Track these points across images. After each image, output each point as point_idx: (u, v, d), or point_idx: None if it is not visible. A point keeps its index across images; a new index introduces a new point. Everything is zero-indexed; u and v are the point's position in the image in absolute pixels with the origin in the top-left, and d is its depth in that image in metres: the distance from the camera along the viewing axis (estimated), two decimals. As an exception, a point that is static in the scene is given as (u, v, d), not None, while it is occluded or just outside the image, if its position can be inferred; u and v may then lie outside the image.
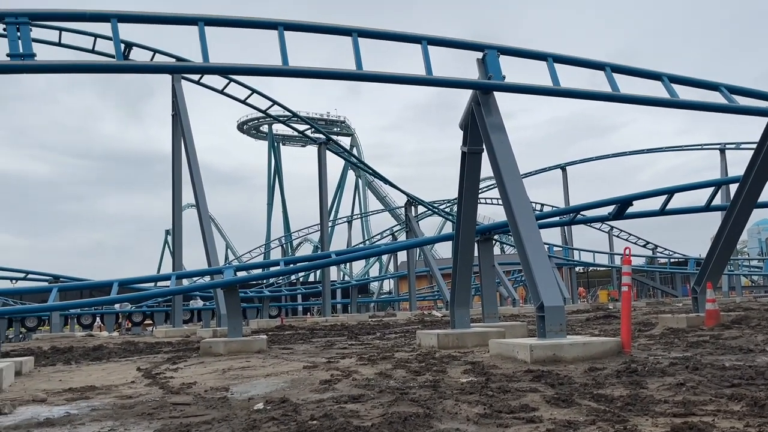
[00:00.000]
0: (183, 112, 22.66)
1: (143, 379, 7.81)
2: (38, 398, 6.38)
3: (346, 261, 37.22)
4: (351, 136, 76.44)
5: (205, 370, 8.70)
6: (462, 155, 10.40)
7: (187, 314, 29.82)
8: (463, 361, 7.88)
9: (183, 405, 5.41)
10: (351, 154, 49.43)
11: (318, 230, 37.74)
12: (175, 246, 24.82)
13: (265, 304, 32.59)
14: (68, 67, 7.82)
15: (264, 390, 6.20)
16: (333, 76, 9.30)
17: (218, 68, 9.40)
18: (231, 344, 11.46)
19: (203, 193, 22.14)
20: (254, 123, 72.95)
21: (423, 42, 9.30)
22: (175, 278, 14.27)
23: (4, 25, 7.40)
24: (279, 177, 72.93)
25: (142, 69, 9.22)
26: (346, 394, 5.43)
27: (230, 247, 73.99)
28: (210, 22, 8.38)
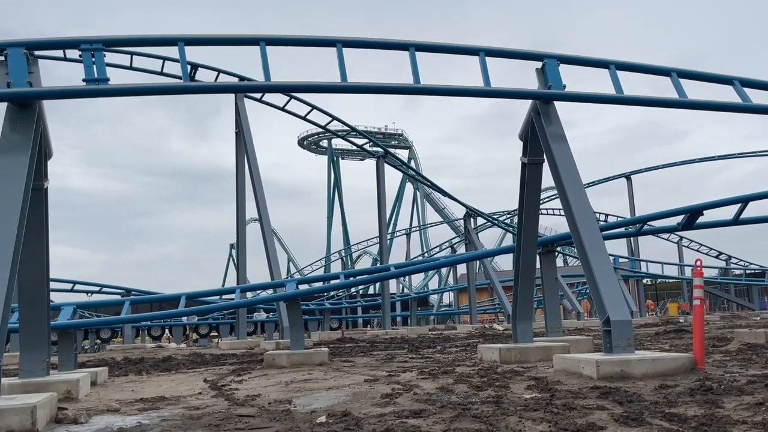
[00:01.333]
0: (246, 129, 23.31)
1: (210, 391, 8.02)
2: (112, 408, 6.64)
3: (405, 274, 37.23)
4: (409, 149, 76.64)
5: (268, 382, 8.85)
6: (522, 166, 10.25)
7: (251, 326, 30.47)
8: (526, 376, 7.72)
9: (248, 417, 5.51)
10: (409, 166, 49.56)
11: (377, 243, 37.93)
12: (239, 259, 25.45)
13: (326, 317, 32.91)
14: (139, 90, 8.20)
15: (326, 403, 6.26)
16: (391, 91, 9.37)
17: (279, 87, 9.64)
18: (293, 356, 11.62)
19: (266, 207, 22.67)
20: (314, 138, 74.22)
21: (481, 53, 9.25)
22: (239, 291, 14.60)
23: (80, 52, 7.83)
24: (338, 190, 73.82)
25: (207, 89, 9.56)
26: (407, 409, 5.41)
27: (292, 259, 75.27)
28: (271, 42, 8.61)
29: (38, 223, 7.78)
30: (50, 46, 8.48)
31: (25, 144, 6.85)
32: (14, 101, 7.02)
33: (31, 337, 8.16)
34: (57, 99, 7.72)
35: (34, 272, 7.91)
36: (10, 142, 6.84)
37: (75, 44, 7.81)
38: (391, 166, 35.22)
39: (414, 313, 35.13)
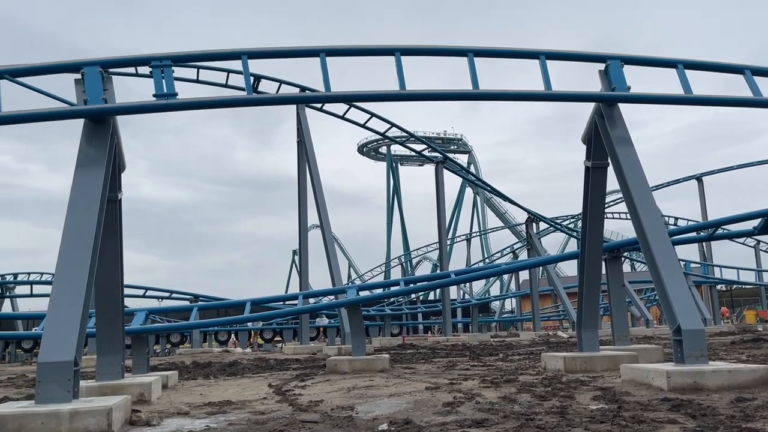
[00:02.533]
0: (307, 138, 23.73)
1: (274, 396, 8.18)
2: (182, 411, 6.88)
3: (465, 281, 36.87)
4: (468, 153, 76.06)
5: (331, 387, 8.96)
6: (586, 170, 10.02)
7: (314, 331, 30.83)
8: (592, 386, 7.52)
9: (311, 423, 5.60)
10: (468, 171, 49.16)
11: (437, 248, 37.79)
12: (302, 265, 25.88)
13: (387, 323, 32.99)
14: (205, 104, 8.51)
15: (388, 410, 6.28)
16: (449, 98, 9.36)
17: (339, 96, 9.78)
18: (355, 363, 11.71)
19: (327, 214, 22.99)
20: (373, 145, 74.72)
21: (541, 57, 9.12)
22: (302, 298, 14.88)
23: (151, 68, 8.18)
24: (398, 196, 73.97)
25: (270, 101, 9.79)
26: (469, 418, 5.37)
27: (353, 265, 75.88)
28: (330, 53, 8.76)
29: (113, 232, 8.16)
30: (123, 64, 8.91)
31: (100, 158, 7.21)
32: (90, 117, 7.41)
33: (107, 341, 8.56)
34: (130, 114, 8.09)
35: (110, 279, 8.30)
36: (86, 157, 7.22)
37: (146, 61, 8.18)
38: (451, 172, 35.02)
39: (475, 319, 34.75)
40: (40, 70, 7.91)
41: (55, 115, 7.50)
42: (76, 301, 6.24)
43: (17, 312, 31.02)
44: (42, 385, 5.72)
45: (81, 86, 7.56)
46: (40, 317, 13.97)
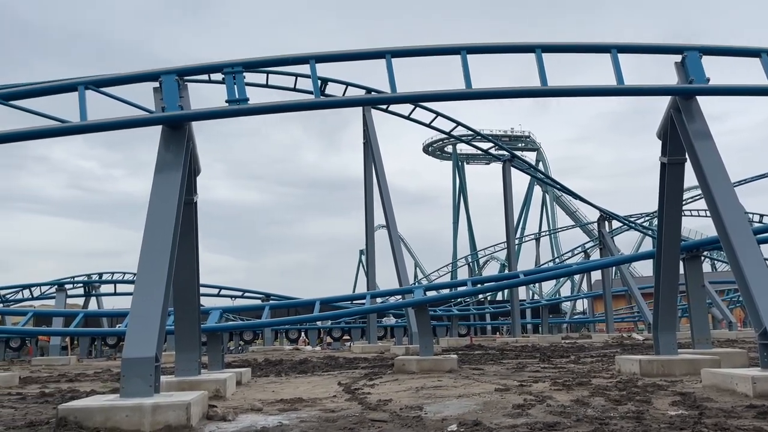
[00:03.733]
0: (373, 139, 23.90)
1: (344, 394, 8.30)
2: (255, 407, 7.08)
3: (534, 281, 36.18)
4: (536, 151, 74.57)
5: (399, 387, 9.00)
6: (661, 166, 9.64)
7: (381, 330, 31.05)
8: (670, 391, 7.23)
9: (380, 422, 5.65)
10: (536, 169, 48.17)
11: (504, 248, 37.26)
12: (369, 265, 26.10)
13: (454, 323, 32.79)
14: (275, 108, 8.72)
15: (456, 411, 6.25)
16: (516, 95, 9.21)
17: (405, 97, 9.81)
18: (423, 363, 11.71)
19: (393, 214, 23.07)
20: (439, 144, 74.42)
21: (612, 51, 8.83)
22: (369, 297, 15.00)
23: (223, 75, 8.46)
24: (464, 196, 73.39)
25: (337, 104, 9.94)
26: (540, 421, 5.27)
27: (419, 265, 75.85)
28: (396, 54, 8.80)
29: (189, 234, 8.50)
30: (198, 72, 9.23)
31: (177, 162, 7.52)
32: (168, 124, 7.74)
33: (184, 338, 8.92)
34: (204, 120, 8.39)
35: (187, 279, 8.64)
36: (164, 161, 7.54)
37: (218, 68, 8.47)
38: (518, 170, 34.42)
39: (545, 320, 34.05)
40: (122, 80, 8.33)
41: (136, 123, 7.88)
42: (156, 300, 6.53)
43: (102, 310, 32.73)
44: (126, 380, 6.01)
45: (159, 94, 7.91)
46: (123, 315, 14.70)
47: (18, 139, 8.01)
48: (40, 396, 9.39)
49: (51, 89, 8.30)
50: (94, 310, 31.97)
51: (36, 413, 7.29)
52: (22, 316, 21.53)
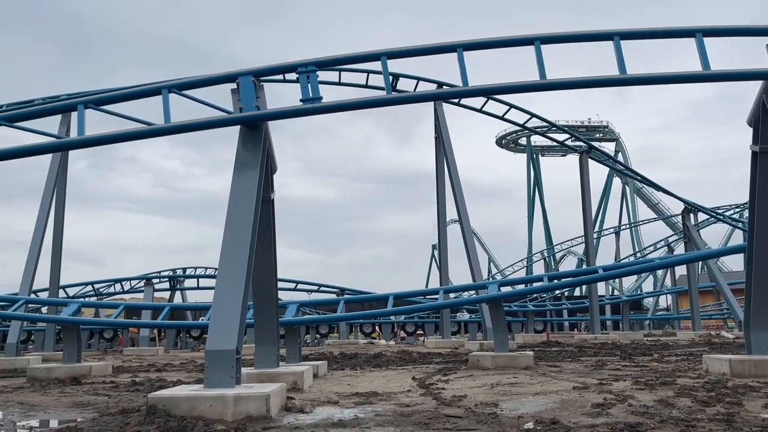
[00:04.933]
0: (445, 133, 23.77)
1: (418, 389, 8.33)
2: (331, 400, 7.22)
3: (614, 277, 34.90)
4: (615, 141, 72.00)
5: (474, 383, 8.94)
6: (753, 155, 9.09)
7: (455, 326, 30.90)
8: (763, 392, 6.84)
9: (455, 417, 5.63)
10: (616, 160, 46.50)
11: (582, 242, 36.18)
12: (441, 260, 25.99)
13: (530, 319, 32.18)
14: (347, 105, 8.82)
15: (533, 409, 6.15)
16: (593, 85, 8.90)
17: (477, 91, 9.68)
18: (498, 359, 11.59)
19: (465, 208, 22.88)
20: (512, 137, 73.17)
21: (697, 35, 8.39)
22: (442, 293, 14.94)
23: (297, 74, 8.64)
24: (539, 189, 71.84)
25: (408, 100, 9.93)
26: (621, 421, 5.11)
27: (493, 260, 74.92)
28: (468, 47, 8.70)
29: (267, 230, 8.75)
30: (273, 72, 9.45)
31: (255, 161, 7.75)
32: (245, 124, 7.98)
33: (264, 331, 9.20)
34: (280, 119, 8.60)
35: (265, 274, 8.91)
36: (243, 160, 7.79)
37: (292, 68, 8.65)
38: (596, 161, 33.30)
39: (626, 317, 32.84)
40: (202, 82, 8.65)
41: (215, 123, 8.17)
42: (236, 294, 6.77)
43: (187, 303, 34.25)
44: (209, 371, 6.27)
45: (236, 95, 8.16)
46: (206, 308, 15.33)
47: (109, 141, 8.48)
48: (131, 385, 9.94)
49: (137, 93, 8.74)
50: (179, 303, 33.47)
51: (128, 401, 7.73)
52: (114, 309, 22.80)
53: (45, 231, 21.74)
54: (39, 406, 7.62)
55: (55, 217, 22.90)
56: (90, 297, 33.03)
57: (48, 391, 9.40)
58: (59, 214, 23.18)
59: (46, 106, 9.29)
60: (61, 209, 23.31)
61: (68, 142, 9.64)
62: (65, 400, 8.10)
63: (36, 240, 21.33)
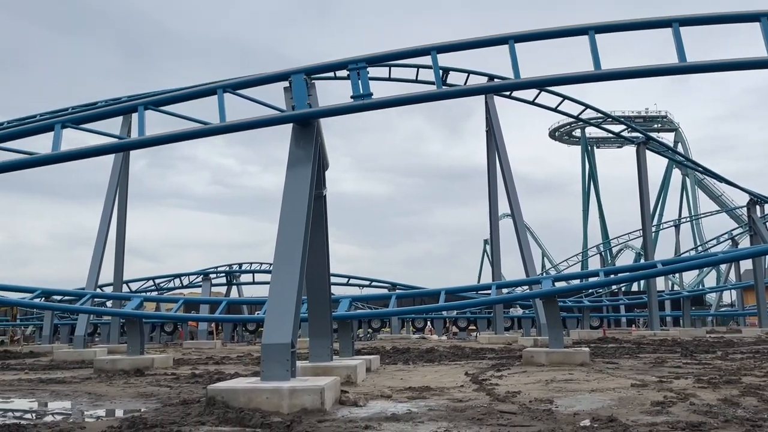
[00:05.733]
0: (496, 126, 23.52)
1: (471, 384, 8.29)
2: (385, 394, 7.27)
3: (674, 272, 33.90)
4: (674, 132, 69.50)
5: (528, 379, 8.84)
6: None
7: (508, 321, 30.61)
8: (837, 394, 6.51)
9: (509, 413, 5.59)
10: (675, 151, 44.96)
11: (640, 236, 35.19)
12: (493, 255, 25.76)
13: (585, 315, 31.55)
14: (398, 101, 8.84)
15: (589, 406, 6.04)
16: (651, 74, 8.63)
17: (529, 83, 9.54)
18: (552, 355, 11.42)
19: (518, 202, 22.60)
20: (566, 129, 71.59)
21: (762, 19, 8.02)
22: (495, 288, 14.81)
23: (348, 71, 8.71)
24: (594, 181, 70.12)
25: (458, 94, 9.87)
26: (683, 420, 4.96)
27: (546, 255, 73.64)
28: (519, 39, 8.58)
29: (320, 226, 8.87)
30: (324, 70, 9.54)
31: (307, 158, 7.87)
32: (298, 121, 8.11)
33: (318, 325, 9.34)
34: (331, 116, 8.69)
35: (319, 269, 9.03)
36: (296, 158, 7.92)
37: (343, 65, 8.72)
38: (654, 152, 32.32)
39: (687, 313, 31.77)
40: (255, 82, 8.84)
41: (269, 122, 8.33)
42: (291, 289, 6.90)
43: (243, 298, 35.07)
44: (266, 364, 6.42)
45: (289, 93, 8.30)
46: (261, 303, 15.66)
47: (168, 141, 8.77)
48: (191, 377, 10.27)
49: (194, 94, 9.00)
50: (236, 298, 34.30)
51: (188, 392, 7.99)
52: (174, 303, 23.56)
53: (109, 228, 22.68)
54: (105, 396, 7.97)
55: (118, 214, 23.85)
56: (151, 291, 34.25)
57: (113, 381, 9.82)
58: (122, 211, 24.13)
59: (109, 108, 9.68)
60: (124, 207, 24.25)
61: (130, 142, 10.03)
62: (130, 391, 8.44)
63: (101, 237, 22.28)
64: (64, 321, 27.22)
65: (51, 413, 6.92)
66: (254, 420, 5.21)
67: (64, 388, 9.08)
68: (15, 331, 31.37)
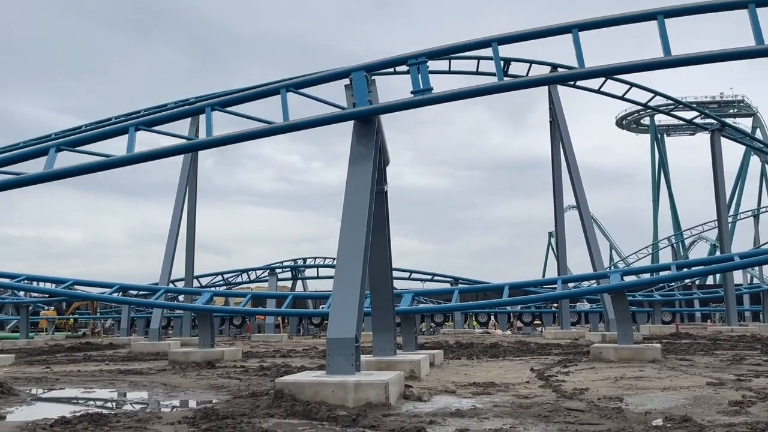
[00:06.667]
0: (560, 117, 22.98)
1: (536, 380, 8.17)
2: (449, 389, 7.27)
3: (753, 265, 32.21)
4: (752, 116, 65.93)
5: (596, 376, 8.64)
6: None
7: (574, 316, 29.90)
8: None
9: (577, 411, 5.49)
10: (753, 137, 42.72)
11: (715, 227, 33.64)
12: (559, 248, 25.21)
13: (657, 309, 30.41)
14: (458, 95, 8.75)
15: (662, 405, 5.85)
16: (725, 58, 8.21)
17: (594, 72, 9.24)
18: (622, 351, 11.11)
19: (584, 194, 22.02)
20: (634, 117, 69.04)
21: None
22: (561, 282, 14.50)
23: (407, 67, 8.70)
24: (664, 171, 67.47)
25: (521, 85, 9.69)
26: (763, 421, 4.74)
27: (614, 248, 71.40)
28: (583, 27, 8.33)
29: (381, 221, 8.92)
30: (384, 66, 9.59)
31: (368, 155, 7.92)
32: (359, 118, 8.17)
33: (380, 320, 9.41)
34: (391, 112, 8.71)
35: (381, 263, 9.09)
36: (357, 154, 7.99)
37: (403, 61, 8.71)
38: (730, 139, 30.75)
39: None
40: (317, 80, 8.96)
41: (330, 120, 8.43)
42: (354, 284, 6.98)
43: (308, 292, 35.72)
44: (331, 358, 6.53)
45: (350, 91, 8.38)
46: (326, 297, 15.92)
47: (234, 141, 9.02)
48: (259, 369, 10.56)
49: (258, 94, 9.20)
50: (301, 292, 34.96)
51: (257, 384, 8.23)
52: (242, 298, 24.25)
53: (180, 225, 23.56)
54: (179, 387, 8.31)
55: (188, 211, 24.72)
56: (220, 286, 35.37)
57: (187, 373, 10.22)
58: (192, 208, 24.99)
59: (179, 110, 10.04)
60: (193, 204, 25.10)
61: (198, 142, 10.37)
62: (202, 383, 8.76)
63: (172, 233, 23.17)
64: (140, 314, 28.50)
65: (130, 403, 7.28)
66: (321, 413, 5.31)
67: (141, 378, 9.52)
68: (95, 323, 33.08)
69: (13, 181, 8.31)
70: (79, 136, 9.31)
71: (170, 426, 5.06)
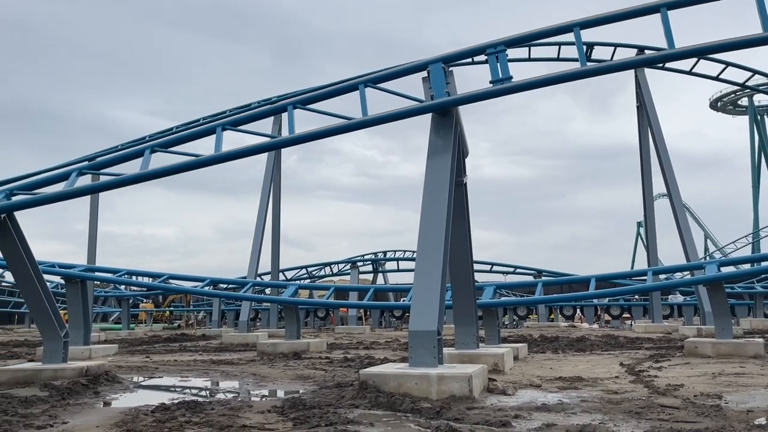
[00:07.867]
0: (648, 101, 21.98)
1: (627, 375, 7.89)
2: (534, 383, 7.14)
3: None
4: None
5: (691, 372, 8.23)
6: None
7: (666, 309, 28.56)
8: None
9: (671, 408, 5.25)
10: None
11: (825, 214, 31.13)
12: (649, 238, 24.17)
13: (758, 302, 28.51)
14: (539, 83, 8.51)
15: (765, 403, 5.51)
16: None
17: (686, 53, 8.69)
18: (720, 346, 10.53)
19: (675, 181, 20.99)
20: (730, 98, 64.99)
21: None
22: (651, 274, 13.87)
23: (486, 56, 8.57)
24: (765, 154, 63.13)
25: (605, 70, 9.29)
26: None
27: (710, 237, 67.61)
28: (672, 6, 7.91)
29: (461, 213, 8.86)
30: (461, 57, 9.46)
31: (447, 147, 7.88)
32: (437, 111, 8.13)
33: (462, 313, 9.36)
34: (470, 103, 8.61)
35: (461, 256, 9.03)
36: (435, 147, 7.97)
37: (481, 50, 8.58)
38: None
39: None
40: (394, 74, 8.98)
41: (408, 113, 8.43)
42: (435, 277, 6.98)
43: (389, 285, 36.02)
44: (413, 351, 6.56)
45: (427, 83, 8.35)
46: (406, 290, 16.00)
47: (316, 137, 9.19)
48: (343, 360, 10.78)
49: (337, 91, 9.33)
50: (382, 285, 35.29)
51: (342, 375, 8.40)
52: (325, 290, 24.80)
53: (265, 220, 24.35)
54: (268, 378, 8.62)
55: (273, 207, 25.50)
56: (304, 279, 36.28)
57: (275, 364, 10.57)
58: (276, 204, 25.76)
59: (262, 110, 10.36)
60: (278, 200, 25.87)
61: (282, 140, 10.59)
62: (289, 373, 9.05)
63: (258, 228, 23.98)
64: (230, 307, 29.73)
65: (222, 392, 7.63)
66: (404, 405, 5.36)
67: (232, 368, 9.95)
68: (189, 315, 34.81)
69: (114, 182, 8.85)
70: (171, 137, 9.79)
71: (260, 414, 5.26)
